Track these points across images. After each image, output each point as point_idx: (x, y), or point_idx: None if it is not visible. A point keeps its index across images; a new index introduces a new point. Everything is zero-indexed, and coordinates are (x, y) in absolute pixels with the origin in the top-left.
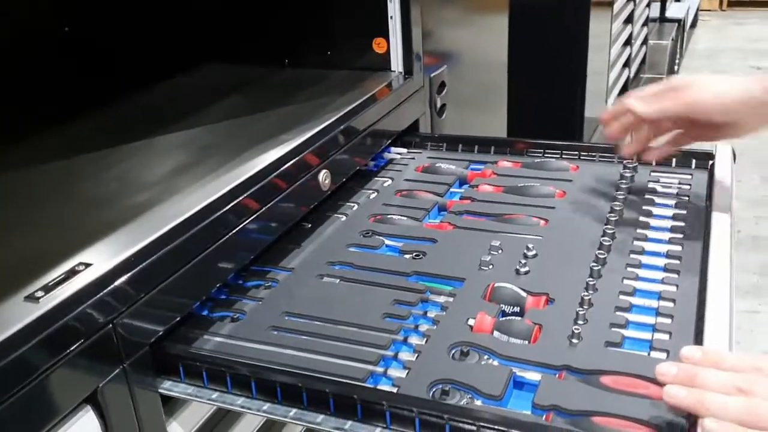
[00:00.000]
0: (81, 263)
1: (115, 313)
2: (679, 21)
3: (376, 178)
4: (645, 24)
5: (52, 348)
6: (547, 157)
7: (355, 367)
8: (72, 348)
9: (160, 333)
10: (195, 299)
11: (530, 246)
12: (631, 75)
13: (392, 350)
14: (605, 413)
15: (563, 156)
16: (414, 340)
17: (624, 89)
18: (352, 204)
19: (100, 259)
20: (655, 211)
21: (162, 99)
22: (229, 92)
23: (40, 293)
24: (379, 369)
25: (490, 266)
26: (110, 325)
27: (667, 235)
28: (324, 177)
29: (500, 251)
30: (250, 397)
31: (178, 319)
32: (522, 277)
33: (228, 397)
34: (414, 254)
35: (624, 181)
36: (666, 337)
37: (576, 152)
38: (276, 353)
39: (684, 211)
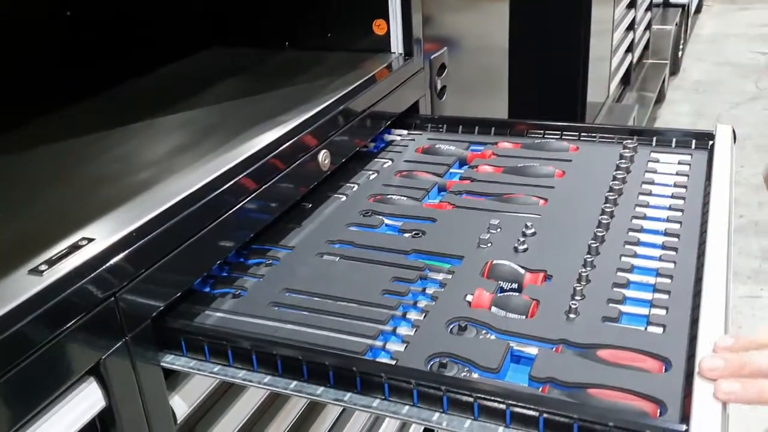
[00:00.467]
0: (83, 238)
1: (117, 287)
2: (683, 6)
3: (376, 159)
4: (648, 9)
5: (56, 320)
6: (547, 138)
7: (354, 341)
8: (75, 320)
9: (161, 308)
10: (195, 276)
11: (529, 224)
12: (635, 60)
13: (391, 325)
14: (601, 385)
15: (563, 137)
16: (412, 315)
17: (627, 75)
18: (352, 184)
19: (101, 234)
20: (655, 190)
21: (162, 81)
22: (228, 74)
23: (43, 267)
24: (378, 343)
25: (489, 244)
26: (112, 299)
27: (665, 214)
28: (324, 157)
29: (499, 230)
30: (252, 370)
31: (178, 294)
32: (520, 254)
33: (229, 371)
34: (413, 233)
35: (623, 161)
36: (663, 312)
37: (576, 133)
38: (276, 328)
39: (683, 190)
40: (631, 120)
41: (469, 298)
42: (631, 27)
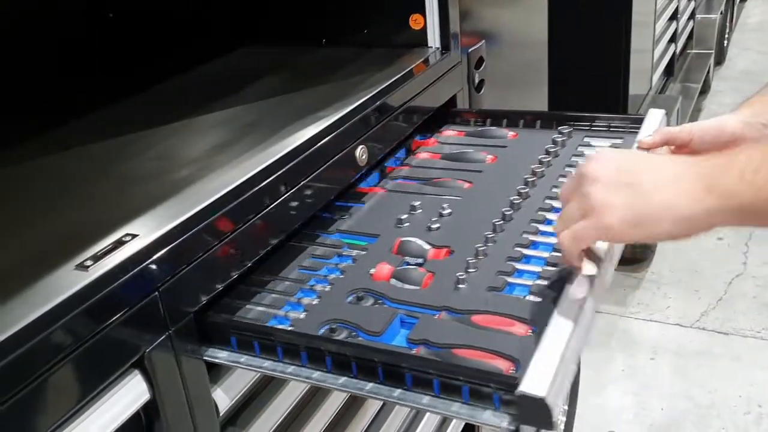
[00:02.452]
0: (127, 234)
1: (160, 281)
2: None
3: None
4: None
5: (101, 314)
6: (490, 126)
7: (260, 311)
8: (119, 315)
9: (204, 302)
10: (236, 270)
11: (445, 206)
12: (678, 51)
13: (298, 296)
14: (466, 345)
15: (506, 125)
16: (318, 287)
17: (670, 65)
18: None
19: (145, 230)
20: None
21: (202, 80)
22: (266, 72)
23: (89, 262)
24: (281, 312)
25: (406, 224)
26: (156, 293)
27: None
28: (361, 153)
29: (419, 210)
30: (300, 366)
31: (220, 288)
32: (432, 233)
33: (275, 365)
34: (341, 215)
35: (553, 146)
36: (546, 283)
37: (520, 119)
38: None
39: None
40: (675, 112)
41: (372, 271)
42: (674, 17)
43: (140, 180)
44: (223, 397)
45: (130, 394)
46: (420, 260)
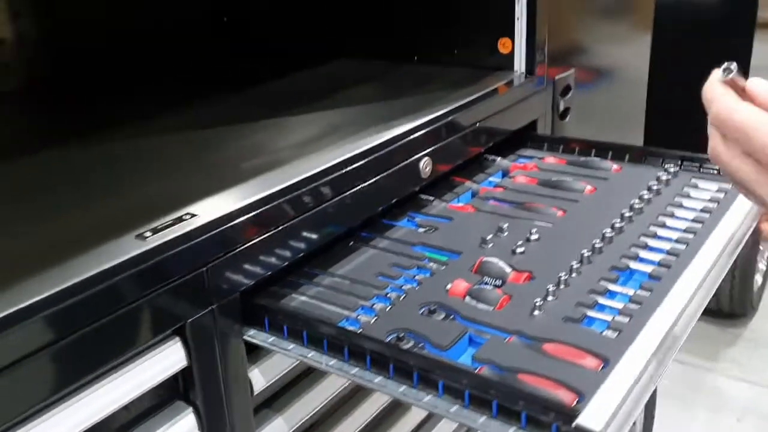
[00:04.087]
0: (188, 213)
1: (209, 259)
2: None
3: None
4: None
5: (149, 281)
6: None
7: (333, 311)
8: (165, 283)
9: (251, 285)
10: (285, 260)
11: (533, 231)
12: None
13: (372, 302)
14: (532, 372)
15: (611, 157)
16: (393, 295)
17: None
18: None
19: (206, 212)
20: (678, 213)
21: (300, 85)
22: (357, 82)
23: (148, 234)
24: (353, 315)
25: (491, 244)
26: (203, 269)
27: (677, 235)
28: (425, 165)
29: (506, 233)
30: (343, 360)
31: (268, 274)
32: (516, 256)
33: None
34: (427, 228)
35: (657, 183)
36: (626, 320)
37: (626, 152)
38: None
39: (707, 215)
40: None
41: (449, 286)
42: None
43: (220, 165)
44: (259, 378)
45: (169, 358)
46: (499, 282)
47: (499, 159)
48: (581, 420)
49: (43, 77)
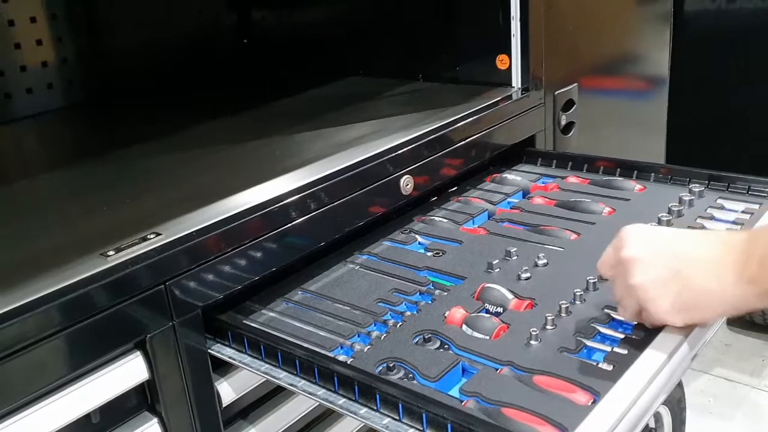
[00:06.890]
0: (153, 232)
1: (168, 276)
2: None
3: None
4: None
5: (109, 296)
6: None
7: (328, 338)
8: (125, 299)
9: (213, 301)
10: (249, 278)
11: (542, 255)
12: None
13: (369, 329)
14: (517, 406)
15: (636, 177)
16: (390, 322)
17: None
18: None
19: (170, 231)
20: None
21: (310, 101)
22: (362, 99)
23: (111, 252)
24: (348, 342)
25: (497, 269)
26: (162, 286)
27: None
28: (405, 182)
29: (514, 257)
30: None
31: (231, 291)
32: (521, 282)
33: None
34: (435, 252)
35: (678, 205)
36: (624, 351)
37: (652, 171)
38: (276, 319)
39: None
40: None
41: (447, 314)
42: None
43: (203, 184)
44: (228, 390)
45: (129, 371)
46: (500, 309)
47: (519, 179)
48: None
49: (82, 98)
